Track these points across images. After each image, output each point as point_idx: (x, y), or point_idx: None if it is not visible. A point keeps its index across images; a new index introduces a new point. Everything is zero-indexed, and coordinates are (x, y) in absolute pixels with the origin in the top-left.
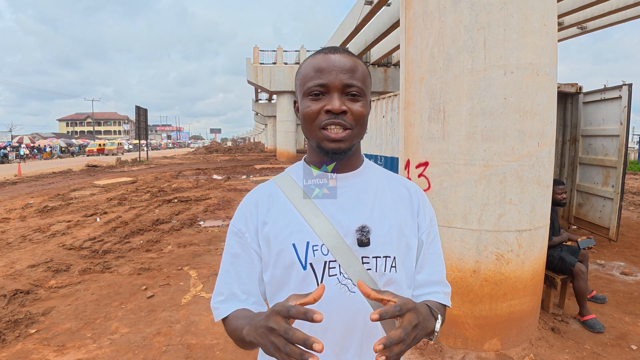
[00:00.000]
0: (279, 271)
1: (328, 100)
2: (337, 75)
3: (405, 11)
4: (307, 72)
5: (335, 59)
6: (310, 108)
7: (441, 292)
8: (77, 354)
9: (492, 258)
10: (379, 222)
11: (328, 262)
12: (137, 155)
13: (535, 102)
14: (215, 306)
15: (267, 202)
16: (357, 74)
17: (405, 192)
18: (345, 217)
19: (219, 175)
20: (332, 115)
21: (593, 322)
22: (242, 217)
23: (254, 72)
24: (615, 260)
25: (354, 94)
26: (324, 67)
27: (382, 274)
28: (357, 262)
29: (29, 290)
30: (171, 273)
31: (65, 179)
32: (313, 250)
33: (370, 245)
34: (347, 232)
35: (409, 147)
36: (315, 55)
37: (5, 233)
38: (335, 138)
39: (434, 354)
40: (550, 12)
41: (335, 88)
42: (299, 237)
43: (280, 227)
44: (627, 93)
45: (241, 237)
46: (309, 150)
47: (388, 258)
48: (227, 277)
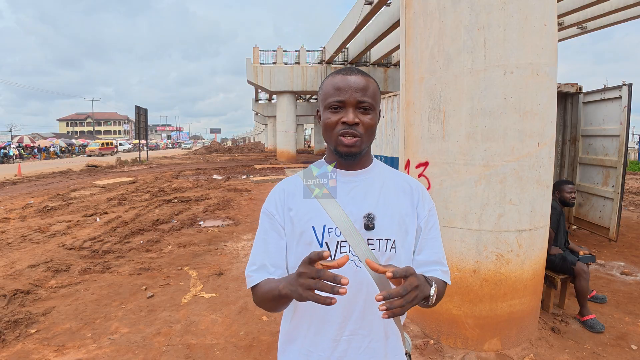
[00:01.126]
0: (300, 248)
1: (344, 114)
2: (352, 94)
3: (405, 11)
4: (328, 90)
5: (351, 80)
6: (330, 119)
7: (439, 270)
8: (77, 354)
9: (492, 258)
10: (383, 210)
11: (340, 242)
12: (137, 155)
13: (535, 102)
14: (249, 274)
15: (292, 191)
16: (369, 92)
17: (407, 187)
18: (355, 206)
19: (219, 175)
20: (347, 125)
21: (593, 322)
22: (272, 201)
23: (254, 72)
24: (615, 260)
25: (365, 108)
26: (342, 87)
27: (384, 253)
28: (364, 243)
29: (29, 290)
30: (171, 273)
31: (65, 179)
32: (328, 232)
33: (374, 229)
34: (357, 218)
35: (409, 147)
36: (335, 75)
37: (5, 233)
38: (347, 144)
39: (434, 354)
40: (550, 12)
41: (350, 104)
42: (317, 221)
43: (302, 212)
44: (627, 93)
45: (272, 218)
46: (327, 152)
47: (389, 240)
48: (259, 250)
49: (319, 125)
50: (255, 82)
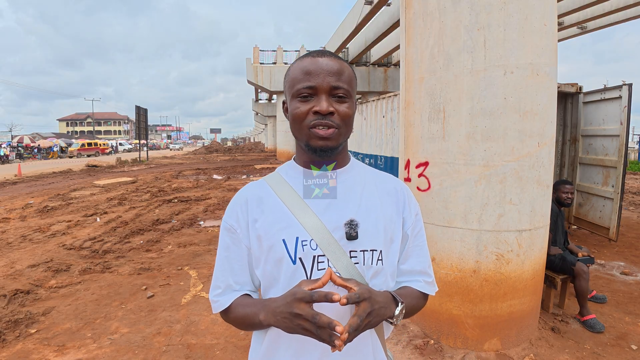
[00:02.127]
0: (269, 266)
1: (316, 102)
2: (325, 78)
3: (405, 11)
4: (296, 75)
5: (322, 62)
6: (299, 109)
7: (422, 280)
8: (77, 353)
9: (492, 258)
10: (366, 216)
11: (317, 256)
12: (137, 155)
13: (535, 102)
14: (215, 299)
15: (257, 199)
16: (344, 76)
17: (391, 189)
18: (333, 212)
19: (219, 175)
20: (319, 116)
21: (593, 322)
22: (233, 213)
23: (254, 72)
24: (615, 260)
25: (341, 96)
26: (312, 70)
27: (370, 266)
28: (345, 256)
29: (29, 290)
30: (171, 273)
31: (65, 179)
32: (302, 245)
33: (358, 239)
34: (336, 227)
35: (409, 147)
36: (304, 58)
37: (6, 233)
38: (323, 135)
39: (434, 354)
40: (550, 12)
41: (323, 90)
42: (288, 233)
43: (270, 223)
44: (627, 93)
45: (233, 232)
46: (297, 150)
47: (375, 251)
48: (222, 271)
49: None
50: (255, 82)
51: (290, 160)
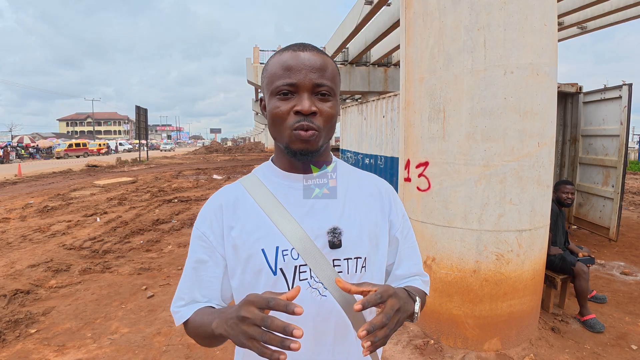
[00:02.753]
0: (248, 277)
1: (297, 101)
2: (307, 75)
3: (405, 11)
4: (275, 70)
5: (304, 57)
6: (279, 109)
7: (420, 280)
8: (77, 353)
9: (492, 258)
10: (350, 222)
11: (298, 266)
12: (137, 155)
13: (535, 102)
14: (176, 310)
15: (233, 205)
16: (327, 72)
17: (375, 190)
18: (315, 219)
19: (219, 175)
20: (301, 116)
21: (593, 322)
22: (206, 220)
23: (254, 72)
24: (615, 260)
25: (324, 94)
26: (293, 66)
27: (353, 274)
28: (328, 266)
29: (29, 290)
30: (171, 273)
31: (65, 179)
32: (283, 255)
33: (341, 247)
34: (318, 235)
35: (409, 147)
36: (283, 52)
37: (6, 233)
38: (304, 137)
39: (434, 353)
40: (550, 12)
41: (305, 88)
42: (268, 242)
43: (248, 231)
44: (627, 93)
45: (205, 240)
46: (276, 151)
47: (359, 259)
48: (188, 283)
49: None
50: (255, 82)
51: (267, 162)
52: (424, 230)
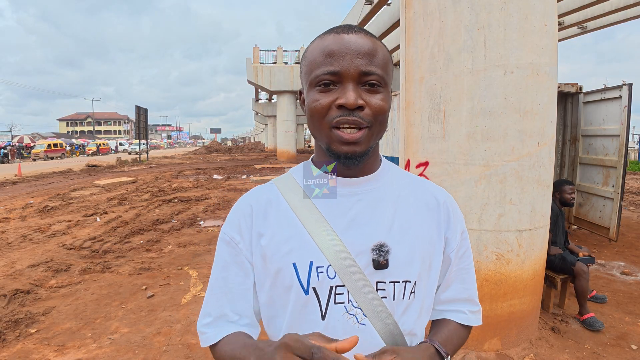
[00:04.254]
0: (276, 293)
1: (341, 92)
2: (353, 61)
3: (405, 11)
4: (314, 57)
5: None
6: (318, 102)
7: (467, 311)
8: (77, 353)
9: (492, 258)
10: (400, 239)
11: (335, 287)
12: (137, 155)
13: (536, 102)
14: (203, 330)
15: (264, 208)
16: (377, 58)
17: (432, 201)
18: (358, 232)
19: (219, 175)
20: (345, 111)
21: (592, 321)
22: (235, 224)
23: (254, 71)
24: (615, 260)
25: (373, 84)
26: (336, 51)
27: (400, 301)
28: (370, 289)
29: (29, 290)
30: (171, 273)
31: (66, 178)
32: (317, 273)
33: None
34: (361, 251)
35: (409, 147)
36: (325, 35)
37: (6, 233)
38: (349, 140)
39: None
40: (550, 12)
41: (350, 77)
42: (301, 256)
43: (279, 241)
44: (627, 93)
45: (234, 247)
46: (317, 150)
47: (408, 283)
48: (216, 296)
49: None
50: (255, 82)
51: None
52: None
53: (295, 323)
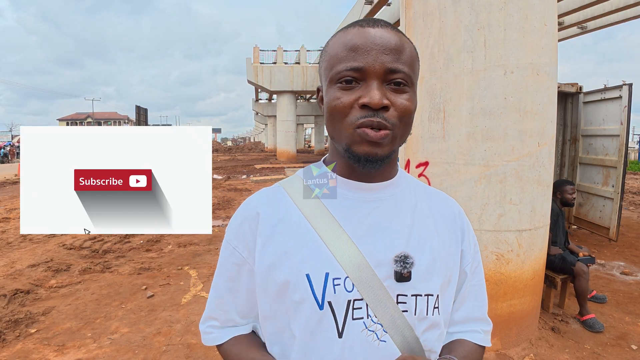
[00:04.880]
0: (282, 307)
1: (364, 91)
2: (378, 57)
3: (405, 11)
4: (336, 52)
5: (375, 35)
6: (340, 100)
7: (481, 331)
8: (77, 353)
9: (492, 258)
10: (420, 249)
11: (352, 301)
12: None
13: (536, 102)
14: (208, 330)
15: (272, 213)
16: (405, 55)
17: (448, 213)
18: (377, 241)
19: (219, 174)
20: (369, 111)
21: (592, 322)
22: (239, 231)
23: (254, 71)
24: (615, 260)
25: (399, 82)
26: (360, 46)
27: (424, 317)
28: (391, 302)
29: (29, 290)
30: (171, 273)
31: None
32: (334, 285)
33: (410, 280)
34: (380, 262)
35: (409, 147)
36: (349, 29)
37: (6, 233)
38: (374, 139)
39: None
40: (550, 12)
41: (375, 74)
42: (315, 266)
43: (288, 249)
44: (627, 93)
45: (237, 257)
46: (331, 152)
47: (430, 297)
48: (223, 302)
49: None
50: (255, 82)
51: (318, 162)
52: None
53: (308, 341)
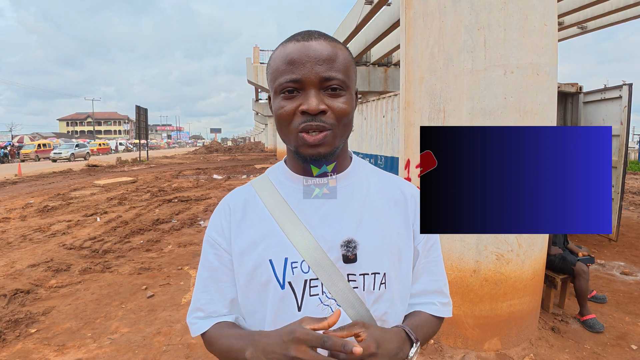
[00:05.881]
0: (253, 289)
1: (303, 99)
2: (313, 68)
3: (405, 11)
4: (277, 65)
5: (309, 48)
6: (283, 109)
7: (437, 302)
8: (77, 353)
9: (492, 258)
10: (369, 233)
11: (309, 280)
12: (137, 155)
13: (536, 101)
14: (193, 322)
15: (242, 208)
16: (337, 63)
17: (400, 197)
18: (329, 228)
19: (219, 175)
20: (309, 116)
21: (593, 322)
22: (217, 225)
23: (254, 71)
24: (615, 260)
25: (335, 88)
26: (297, 59)
27: (371, 292)
28: (342, 280)
29: (29, 289)
30: (171, 273)
31: (66, 178)
32: (292, 268)
33: (357, 262)
34: (331, 246)
35: (409, 147)
36: (287, 43)
37: (6, 233)
38: (312, 143)
39: (434, 353)
40: (550, 12)
41: (311, 83)
42: (276, 252)
43: (255, 239)
44: (627, 93)
45: (217, 248)
46: (288, 151)
47: (377, 274)
48: (207, 293)
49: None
50: (255, 82)
51: (280, 162)
52: None
53: (274, 316)
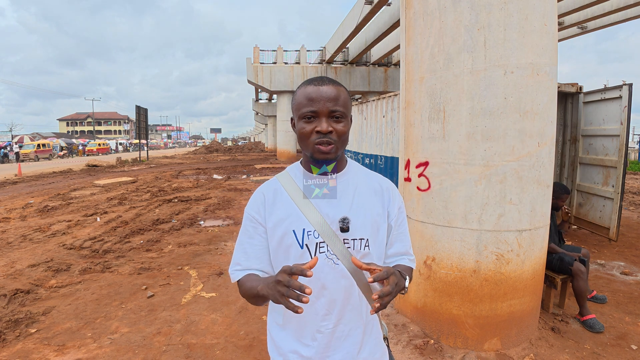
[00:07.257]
0: (282, 250)
1: (318, 123)
2: (325, 104)
3: (405, 11)
4: (301, 100)
5: (322, 91)
6: (305, 129)
7: (407, 260)
8: (77, 353)
9: (492, 258)
10: (357, 211)
11: (319, 243)
12: (137, 155)
13: (536, 101)
14: (232, 271)
15: (272, 196)
16: (340, 100)
17: (378, 187)
18: (332, 208)
19: (219, 175)
20: (321, 134)
21: (592, 322)
22: (255, 206)
23: (254, 71)
24: (615, 260)
25: (338, 117)
26: (314, 97)
27: (359, 250)
28: (340, 243)
29: (29, 289)
30: (171, 273)
31: (66, 178)
32: (307, 235)
33: (349, 231)
34: (333, 221)
35: (409, 147)
36: (307, 86)
37: (6, 233)
38: (324, 151)
39: (434, 353)
40: (550, 12)
41: (323, 114)
42: (297, 225)
43: (282, 217)
44: (627, 93)
45: (254, 222)
46: (304, 158)
47: (362, 240)
48: (243, 253)
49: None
50: (256, 82)
51: (297, 162)
52: (424, 230)
53: None
